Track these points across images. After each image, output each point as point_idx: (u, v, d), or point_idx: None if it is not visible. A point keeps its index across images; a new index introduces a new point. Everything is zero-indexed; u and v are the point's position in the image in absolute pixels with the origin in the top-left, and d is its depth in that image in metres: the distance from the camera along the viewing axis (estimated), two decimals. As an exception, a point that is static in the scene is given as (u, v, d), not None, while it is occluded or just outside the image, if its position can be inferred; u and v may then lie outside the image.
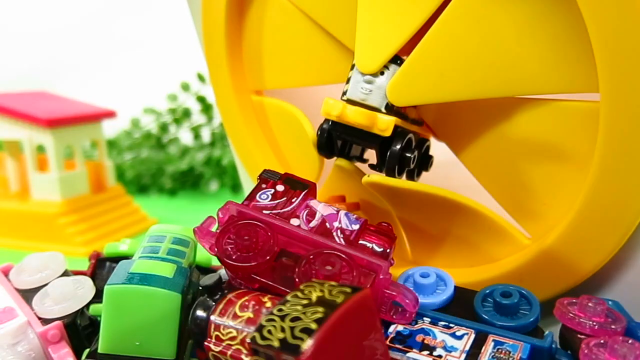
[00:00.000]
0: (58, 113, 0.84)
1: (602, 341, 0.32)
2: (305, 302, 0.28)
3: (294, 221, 0.38)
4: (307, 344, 0.25)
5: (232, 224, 0.37)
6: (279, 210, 0.39)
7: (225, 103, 0.59)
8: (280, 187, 0.40)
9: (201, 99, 1.23)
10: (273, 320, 0.27)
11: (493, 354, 0.33)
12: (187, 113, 1.24)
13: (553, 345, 0.34)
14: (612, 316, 0.35)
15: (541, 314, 0.39)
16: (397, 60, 0.42)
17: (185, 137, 1.27)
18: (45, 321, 0.38)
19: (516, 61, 0.38)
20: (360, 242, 0.38)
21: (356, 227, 0.39)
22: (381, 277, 0.35)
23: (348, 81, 0.43)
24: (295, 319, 0.26)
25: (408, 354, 0.34)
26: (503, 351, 0.33)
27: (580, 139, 0.38)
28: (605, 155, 0.36)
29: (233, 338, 0.32)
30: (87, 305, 0.41)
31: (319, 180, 0.54)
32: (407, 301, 0.35)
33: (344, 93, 0.43)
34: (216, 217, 0.39)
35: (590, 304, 0.35)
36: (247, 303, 0.34)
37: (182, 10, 0.63)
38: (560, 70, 0.37)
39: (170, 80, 1.23)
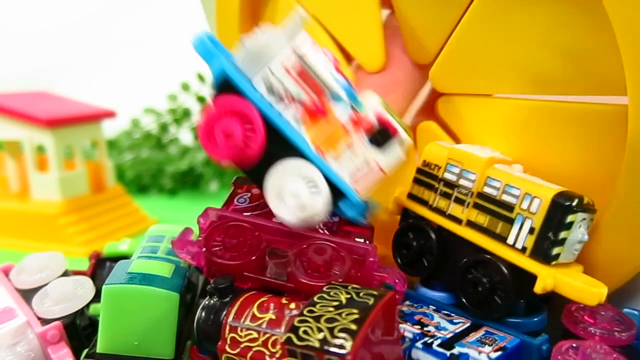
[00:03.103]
0: (58, 113, 0.84)
1: (574, 345, 0.32)
2: (335, 303, 0.29)
3: (276, 218, 0.39)
4: (350, 344, 0.26)
5: (219, 226, 0.38)
6: (260, 211, 0.39)
7: None
8: (256, 190, 0.40)
9: (201, 99, 1.23)
10: (306, 321, 0.27)
11: (479, 338, 0.34)
12: (187, 113, 1.24)
13: (544, 347, 0.34)
14: (623, 323, 0.35)
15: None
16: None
17: (185, 137, 1.27)
18: (44, 321, 0.39)
19: (540, 61, 0.38)
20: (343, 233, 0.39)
21: (336, 219, 0.40)
22: (370, 259, 0.36)
23: None
24: (330, 320, 0.27)
25: (401, 325, 0.35)
26: (489, 338, 0.35)
27: (607, 144, 0.37)
28: (634, 160, 0.35)
29: (253, 340, 0.32)
30: (87, 306, 0.41)
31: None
32: (396, 281, 0.36)
33: None
34: (197, 225, 0.39)
35: (601, 311, 0.35)
36: (266, 304, 0.34)
37: (182, 10, 0.64)
38: (586, 73, 0.36)
39: (170, 80, 1.23)
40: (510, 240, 0.36)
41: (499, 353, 0.33)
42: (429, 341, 0.34)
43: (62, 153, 0.83)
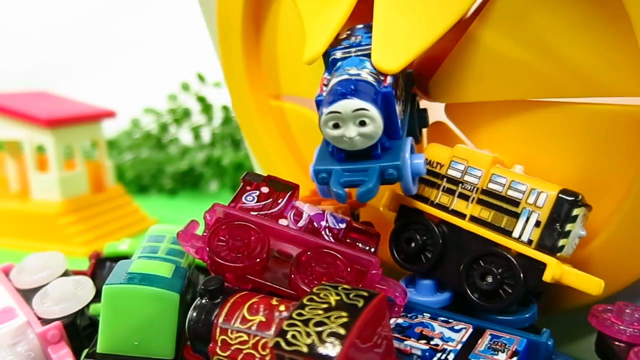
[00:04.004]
0: (58, 113, 0.84)
1: None
2: (325, 306, 0.28)
3: (282, 221, 0.39)
4: (338, 349, 0.25)
5: (224, 225, 0.37)
6: (266, 212, 0.39)
7: (242, 107, 0.58)
8: (264, 189, 0.40)
9: (201, 99, 1.23)
10: (295, 325, 0.27)
11: (489, 345, 0.34)
12: (187, 113, 1.24)
13: (549, 342, 0.35)
14: None
15: (576, 321, 0.39)
16: None
17: (185, 137, 1.27)
18: (45, 321, 0.39)
19: (560, 63, 0.37)
20: (348, 240, 0.39)
21: (343, 225, 0.40)
22: (373, 272, 0.36)
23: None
24: (319, 324, 0.27)
25: (406, 342, 0.35)
26: (499, 343, 0.34)
27: (629, 144, 0.37)
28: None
29: (244, 342, 0.32)
30: (88, 306, 0.41)
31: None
32: (396, 294, 0.36)
33: None
34: (203, 220, 0.39)
35: (627, 311, 0.35)
36: (255, 306, 0.33)
37: (182, 10, 0.63)
38: (607, 74, 0.36)
39: (170, 80, 1.23)
40: (515, 234, 0.37)
41: (515, 359, 0.32)
42: (442, 357, 0.33)
43: (62, 153, 0.83)
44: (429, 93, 0.44)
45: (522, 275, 0.36)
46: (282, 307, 0.33)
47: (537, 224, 0.36)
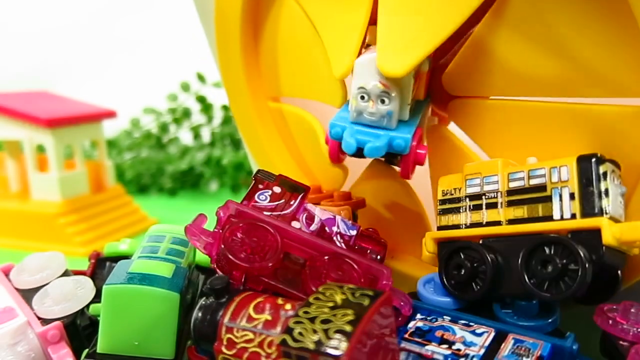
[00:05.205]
0: (58, 113, 0.84)
1: None
2: (330, 304, 0.29)
3: (295, 224, 0.39)
4: (344, 345, 0.26)
5: (242, 223, 0.37)
6: (280, 212, 0.39)
7: (241, 109, 0.58)
8: (277, 189, 0.40)
9: (201, 99, 1.23)
10: (301, 322, 0.27)
11: (512, 350, 0.33)
12: (187, 113, 1.24)
13: (574, 347, 0.34)
14: None
15: (582, 320, 0.38)
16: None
17: (185, 137, 1.27)
18: (45, 321, 0.39)
19: (565, 62, 0.37)
20: (358, 247, 0.39)
21: (354, 232, 0.40)
22: (384, 282, 0.36)
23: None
24: (325, 321, 0.27)
25: (427, 347, 0.34)
26: (523, 348, 0.33)
27: (632, 146, 0.37)
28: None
29: (249, 341, 0.32)
30: (88, 306, 0.41)
31: (344, 185, 0.54)
32: (401, 304, 0.36)
33: None
34: (216, 216, 0.39)
35: (632, 310, 0.35)
36: (261, 305, 0.33)
37: (182, 10, 0.63)
38: (611, 74, 0.36)
39: (170, 80, 1.23)
40: (556, 216, 0.36)
41: None
42: None
43: (62, 153, 0.83)
44: (443, 84, 0.44)
45: (579, 250, 0.34)
46: (287, 306, 0.33)
47: (572, 196, 0.35)
